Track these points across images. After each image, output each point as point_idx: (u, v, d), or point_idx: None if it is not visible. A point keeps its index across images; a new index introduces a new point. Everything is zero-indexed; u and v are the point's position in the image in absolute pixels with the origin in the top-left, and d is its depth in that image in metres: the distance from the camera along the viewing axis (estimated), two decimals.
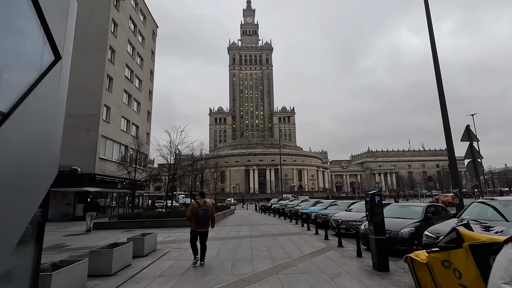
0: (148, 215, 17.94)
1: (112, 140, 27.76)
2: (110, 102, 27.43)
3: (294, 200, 31.32)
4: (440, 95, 9.69)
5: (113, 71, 28.24)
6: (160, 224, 17.48)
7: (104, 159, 26.04)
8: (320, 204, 21.37)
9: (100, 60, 26.51)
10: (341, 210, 16.15)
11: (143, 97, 36.23)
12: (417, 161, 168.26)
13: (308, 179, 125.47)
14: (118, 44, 29.40)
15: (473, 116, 40.43)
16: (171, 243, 11.50)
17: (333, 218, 13.38)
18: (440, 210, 10.31)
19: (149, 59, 38.96)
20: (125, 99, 31.30)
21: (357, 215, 12.80)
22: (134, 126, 33.51)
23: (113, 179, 26.81)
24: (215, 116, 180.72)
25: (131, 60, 32.72)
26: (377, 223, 6.72)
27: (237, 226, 17.86)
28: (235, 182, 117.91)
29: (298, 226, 16.61)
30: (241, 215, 27.81)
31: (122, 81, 30.42)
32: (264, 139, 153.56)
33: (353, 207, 14.83)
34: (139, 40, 35.39)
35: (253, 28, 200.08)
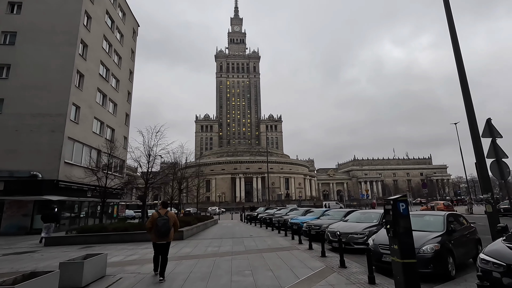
0: (115, 228, 15.38)
1: (81, 143, 24.97)
2: (80, 101, 24.76)
3: (282, 209, 29.27)
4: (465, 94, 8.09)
5: (85, 67, 25.67)
6: (129, 238, 14.98)
7: (70, 163, 23.20)
8: (311, 213, 19.43)
9: (69, 54, 23.95)
10: (336, 220, 14.26)
11: (120, 98, 33.61)
12: (402, 169, 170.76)
13: (295, 187, 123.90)
14: (92, 39, 26.94)
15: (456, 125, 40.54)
16: (131, 264, 9.17)
17: (329, 230, 11.43)
18: (461, 221, 8.57)
19: (128, 58, 36.51)
20: (99, 99, 28.64)
21: (357, 226, 10.93)
22: (109, 129, 30.75)
23: (82, 186, 23.93)
24: (201, 123, 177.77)
25: (107, 57, 30.22)
26: (404, 240, 4.80)
27: (218, 239, 15.59)
28: (221, 190, 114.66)
29: (288, 238, 14.56)
30: (225, 226, 25.46)
31: (96, 79, 27.83)
32: (251, 147, 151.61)
33: (349, 217, 12.96)
34: (117, 37, 33.01)
35: (240, 37, 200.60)
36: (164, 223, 7.00)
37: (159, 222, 6.99)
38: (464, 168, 34.47)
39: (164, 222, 7.02)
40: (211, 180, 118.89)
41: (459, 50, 8.56)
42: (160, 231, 6.96)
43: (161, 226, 6.95)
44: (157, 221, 7.01)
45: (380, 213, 11.78)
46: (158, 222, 7.00)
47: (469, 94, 8.15)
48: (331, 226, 11.90)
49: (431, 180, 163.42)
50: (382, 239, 7.34)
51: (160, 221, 7.01)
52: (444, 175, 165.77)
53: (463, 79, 8.25)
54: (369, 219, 11.58)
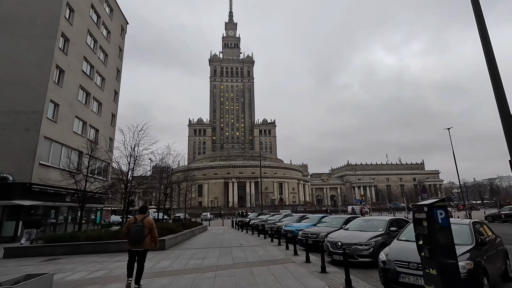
0: (87, 237, 13.66)
1: (59, 143, 23.15)
2: (59, 98, 23.02)
3: (276, 214, 27.78)
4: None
5: (66, 62, 23.99)
6: (102, 248, 13.30)
7: (46, 165, 21.35)
8: (306, 219, 18.00)
9: (47, 48, 22.27)
10: (335, 228, 12.89)
11: (106, 97, 31.87)
12: (395, 174, 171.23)
13: (289, 192, 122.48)
14: (74, 33, 25.31)
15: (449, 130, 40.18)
16: (90, 284, 7.57)
17: (329, 239, 10.01)
18: (487, 230, 7.27)
19: (115, 56, 34.88)
20: (81, 97, 26.88)
21: (361, 236, 9.55)
22: (93, 129, 28.94)
23: (59, 190, 22.08)
24: (194, 127, 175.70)
25: (91, 53, 28.56)
26: (445, 263, 3.41)
27: (204, 249, 14.02)
28: (213, 195, 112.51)
29: (282, 248, 13.09)
30: (214, 233, 23.83)
31: (78, 76, 26.12)
32: (244, 151, 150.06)
33: (350, 225, 11.58)
34: (103, 33, 31.41)
35: (235, 41, 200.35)
36: (137, 230, 6.67)
37: (132, 229, 6.70)
38: (457, 173, 33.68)
39: (138, 229, 6.69)
40: (203, 185, 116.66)
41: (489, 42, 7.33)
42: (132, 238, 6.65)
43: (133, 233, 6.64)
44: (131, 227, 6.73)
45: (386, 220, 10.44)
46: (131, 228, 6.72)
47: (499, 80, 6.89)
48: (331, 235, 10.50)
49: (424, 185, 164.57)
50: (398, 254, 5.98)
51: (133, 227, 6.70)
52: (436, 181, 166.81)
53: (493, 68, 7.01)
54: (373, 227, 10.23)
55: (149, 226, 6.87)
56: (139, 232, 6.67)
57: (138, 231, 6.67)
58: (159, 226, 16.67)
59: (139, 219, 6.92)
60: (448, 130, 40.84)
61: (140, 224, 6.76)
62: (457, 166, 40.46)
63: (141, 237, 6.66)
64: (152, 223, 7.01)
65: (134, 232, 6.64)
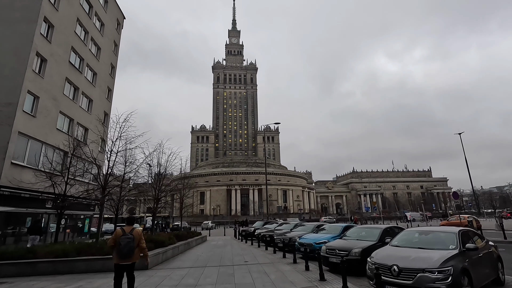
0: (48, 252, 10.61)
1: (39, 141, 20.33)
2: (39, 90, 20.33)
3: (284, 223, 24.52)
4: None
5: (49, 51, 21.41)
6: (66, 267, 10.26)
7: (20, 165, 18.47)
8: (324, 230, 14.79)
9: (27, 33, 19.71)
10: (372, 241, 9.78)
11: (98, 94, 29.22)
12: (402, 182, 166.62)
13: (294, 200, 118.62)
14: (60, 20, 22.83)
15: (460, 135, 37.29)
16: None
17: (376, 260, 6.82)
18: None
19: (110, 51, 32.43)
20: (67, 91, 24.21)
21: (427, 258, 6.38)
22: (81, 127, 26.16)
23: (37, 195, 19.16)
24: (197, 134, 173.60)
25: (81, 45, 26.05)
26: None
27: (198, 269, 10.89)
28: (216, 203, 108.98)
29: (300, 268, 9.96)
30: (214, 245, 20.64)
31: (64, 67, 23.51)
32: (247, 158, 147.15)
33: (398, 240, 8.39)
34: (95, 24, 29.00)
35: (238, 49, 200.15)
36: (127, 242, 6.41)
37: (122, 241, 6.38)
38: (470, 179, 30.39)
39: (128, 241, 6.43)
40: (205, 192, 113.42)
41: None
42: (122, 251, 6.35)
43: (123, 246, 6.36)
44: (120, 240, 6.39)
45: (454, 232, 7.29)
46: (121, 241, 6.38)
47: None
48: (377, 254, 7.31)
49: (432, 193, 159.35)
50: None
51: (123, 240, 6.40)
52: (445, 188, 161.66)
53: None
54: (438, 243, 7.06)
55: (138, 237, 6.64)
56: (131, 244, 6.42)
57: (129, 243, 6.40)
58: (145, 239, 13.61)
59: (128, 230, 6.59)
60: (459, 135, 38.02)
61: (130, 236, 6.49)
62: (469, 172, 36.68)
63: (132, 250, 6.45)
64: (140, 234, 6.80)
65: (124, 245, 6.33)
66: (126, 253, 6.37)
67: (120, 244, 6.34)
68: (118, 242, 6.37)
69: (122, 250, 6.32)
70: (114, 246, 6.47)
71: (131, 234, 6.52)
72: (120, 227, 7.07)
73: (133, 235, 6.55)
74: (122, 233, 6.47)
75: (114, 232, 6.78)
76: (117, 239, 6.42)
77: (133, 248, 6.48)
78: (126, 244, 6.35)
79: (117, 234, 6.52)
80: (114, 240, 6.49)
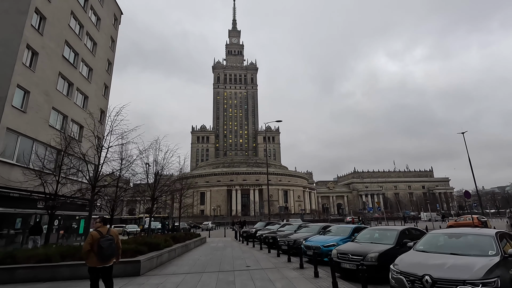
0: (29, 257, 9.60)
1: (30, 138, 19.35)
2: (30, 84, 19.35)
3: (287, 224, 23.48)
4: None
5: (40, 44, 20.45)
6: (47, 274, 9.27)
7: (9, 163, 17.47)
8: (331, 233, 13.73)
9: (17, 24, 18.75)
10: (388, 244, 8.77)
11: (93, 91, 28.24)
12: (403, 182, 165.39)
13: (295, 200, 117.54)
14: (53, 12, 21.89)
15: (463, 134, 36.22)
16: None
17: (401, 268, 5.82)
18: None
19: (106, 46, 31.46)
20: (61, 87, 23.24)
21: (465, 265, 5.38)
22: (76, 125, 25.19)
23: (26, 194, 18.15)
24: (197, 134, 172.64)
25: (75, 39, 25.08)
26: None
27: (195, 275, 9.89)
28: (216, 203, 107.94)
29: (308, 274, 8.96)
30: (213, 247, 19.62)
31: (57, 62, 22.54)
32: (248, 158, 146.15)
33: (423, 243, 7.37)
34: (91, 19, 28.05)
35: (238, 49, 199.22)
36: (110, 244, 6.20)
37: (103, 244, 6.10)
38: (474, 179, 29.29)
39: (110, 242, 6.22)
40: (205, 193, 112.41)
41: None
42: (105, 253, 6.10)
43: (107, 248, 6.11)
44: (101, 242, 6.10)
45: (491, 235, 6.28)
46: (102, 243, 6.10)
47: None
48: (401, 260, 6.30)
49: (433, 193, 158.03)
50: None
51: (104, 242, 6.12)
52: (447, 188, 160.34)
53: None
54: (475, 248, 6.05)
55: (116, 237, 6.54)
56: (113, 245, 6.31)
57: (112, 244, 6.29)
58: (139, 241, 12.63)
59: (105, 231, 6.37)
60: (462, 134, 36.99)
61: (111, 237, 6.33)
62: (473, 172, 35.60)
63: (115, 250, 6.38)
64: (117, 234, 6.69)
65: (107, 247, 6.17)
66: (109, 255, 6.22)
67: (102, 247, 6.09)
68: (99, 245, 6.09)
69: (105, 252, 6.12)
70: (91, 249, 6.11)
71: (109, 235, 6.34)
72: (94, 229, 6.53)
73: (112, 235, 6.41)
74: (100, 235, 6.20)
75: (88, 236, 6.38)
76: (95, 242, 6.11)
77: (115, 248, 6.39)
78: (109, 246, 6.17)
79: (94, 237, 6.17)
80: (90, 244, 6.13)
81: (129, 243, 12.20)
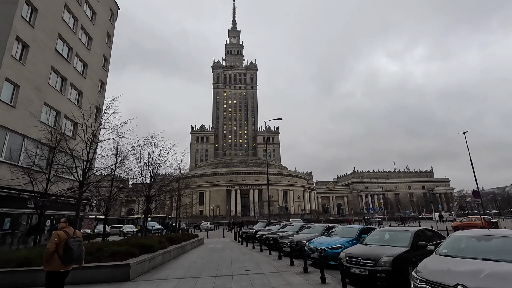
0: (9, 260, 8.75)
1: (20, 134, 18.50)
2: (20, 78, 18.52)
3: (288, 225, 22.64)
4: None
5: (31, 36, 19.62)
6: (28, 279, 8.45)
7: None
8: (335, 234, 12.88)
9: (5, 14, 17.94)
10: (404, 247, 7.96)
11: (89, 87, 27.40)
12: (403, 182, 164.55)
13: (295, 200, 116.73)
14: (45, 4, 21.06)
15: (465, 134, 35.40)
16: None
17: (428, 277, 5.00)
18: None
19: (102, 42, 30.63)
20: (53, 82, 22.41)
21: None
22: (70, 122, 24.34)
23: (15, 193, 17.29)
24: (196, 134, 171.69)
25: (69, 33, 24.25)
26: None
27: (191, 279, 9.07)
28: (215, 203, 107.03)
29: (314, 279, 8.14)
30: (211, 249, 18.78)
31: (50, 56, 21.71)
32: (247, 158, 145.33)
33: (447, 245, 6.60)
34: (86, 12, 27.22)
35: (238, 49, 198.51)
36: (79, 245, 6.00)
37: (73, 245, 5.82)
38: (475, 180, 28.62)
39: (79, 244, 6.02)
40: (205, 193, 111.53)
41: None
42: (73, 255, 5.80)
43: (77, 249, 5.86)
44: (70, 243, 5.80)
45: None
46: (71, 244, 5.80)
47: None
48: (426, 267, 5.47)
49: (434, 194, 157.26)
50: None
51: (73, 243, 5.84)
52: (447, 189, 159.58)
53: None
54: (508, 252, 5.23)
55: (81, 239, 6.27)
56: (82, 247, 6.11)
57: (80, 246, 6.06)
58: (131, 243, 11.77)
59: (71, 232, 6.02)
60: (464, 134, 36.14)
61: (78, 238, 6.04)
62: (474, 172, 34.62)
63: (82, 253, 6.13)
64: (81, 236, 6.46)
65: (77, 248, 5.87)
66: (77, 257, 5.96)
67: (72, 248, 5.76)
68: (68, 246, 5.74)
69: (74, 254, 5.81)
70: (55, 252, 5.71)
71: (77, 236, 6.09)
72: (61, 229, 6.12)
73: (79, 236, 6.18)
74: (67, 236, 5.87)
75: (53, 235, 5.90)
76: (64, 243, 5.75)
77: (83, 250, 6.22)
78: (78, 247, 5.91)
79: (61, 238, 5.80)
80: (55, 244, 5.72)
81: (120, 244, 11.37)
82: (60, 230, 6.03)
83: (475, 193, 23.15)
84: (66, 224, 6.20)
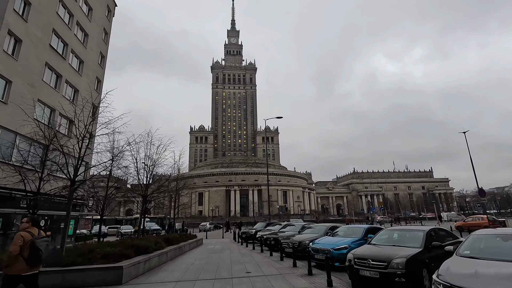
0: None
1: (12, 131, 17.90)
2: (12, 73, 17.93)
3: (289, 225, 22.06)
4: None
5: (24, 30, 19.03)
6: None
7: None
8: (339, 234, 12.32)
9: None
10: (417, 247, 7.39)
11: (84, 84, 26.77)
12: (403, 182, 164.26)
13: (294, 200, 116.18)
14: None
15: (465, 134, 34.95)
16: None
17: (453, 283, 4.45)
18: None
19: (99, 38, 30.04)
20: (48, 78, 21.81)
21: None
22: (65, 119, 23.74)
23: (6, 192, 16.70)
24: (196, 134, 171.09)
25: (64, 28, 23.66)
26: None
27: (188, 282, 8.49)
28: (215, 204, 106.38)
29: (319, 282, 7.56)
30: (210, 249, 18.19)
31: (44, 51, 21.12)
32: (247, 158, 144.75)
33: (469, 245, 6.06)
34: (82, 8, 26.62)
35: (237, 49, 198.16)
36: (47, 245, 5.69)
37: (40, 245, 5.49)
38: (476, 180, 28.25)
39: (47, 244, 5.71)
40: (204, 193, 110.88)
41: None
42: (41, 257, 5.49)
43: (45, 250, 5.56)
44: (36, 243, 5.46)
45: None
46: (39, 245, 5.47)
47: None
48: (449, 270, 4.92)
49: (433, 194, 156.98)
50: None
51: (41, 243, 5.53)
52: (447, 189, 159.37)
53: None
54: None
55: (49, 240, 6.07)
56: (50, 247, 5.85)
57: (49, 246, 5.78)
58: (126, 244, 11.18)
59: (35, 233, 5.64)
60: (464, 133, 35.69)
61: (46, 238, 5.75)
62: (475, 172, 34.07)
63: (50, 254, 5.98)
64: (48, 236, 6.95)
65: (45, 249, 5.55)
66: (45, 259, 5.69)
67: (40, 249, 5.45)
68: (34, 247, 5.40)
69: (42, 255, 5.51)
70: (19, 254, 5.34)
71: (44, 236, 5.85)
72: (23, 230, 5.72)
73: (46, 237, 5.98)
74: (32, 237, 5.52)
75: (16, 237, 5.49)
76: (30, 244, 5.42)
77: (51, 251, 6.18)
78: (46, 248, 5.59)
79: (26, 239, 5.45)
80: (19, 246, 5.34)
81: (114, 245, 10.80)
82: (24, 231, 5.62)
83: (481, 192, 22.63)
84: (29, 225, 5.76)
